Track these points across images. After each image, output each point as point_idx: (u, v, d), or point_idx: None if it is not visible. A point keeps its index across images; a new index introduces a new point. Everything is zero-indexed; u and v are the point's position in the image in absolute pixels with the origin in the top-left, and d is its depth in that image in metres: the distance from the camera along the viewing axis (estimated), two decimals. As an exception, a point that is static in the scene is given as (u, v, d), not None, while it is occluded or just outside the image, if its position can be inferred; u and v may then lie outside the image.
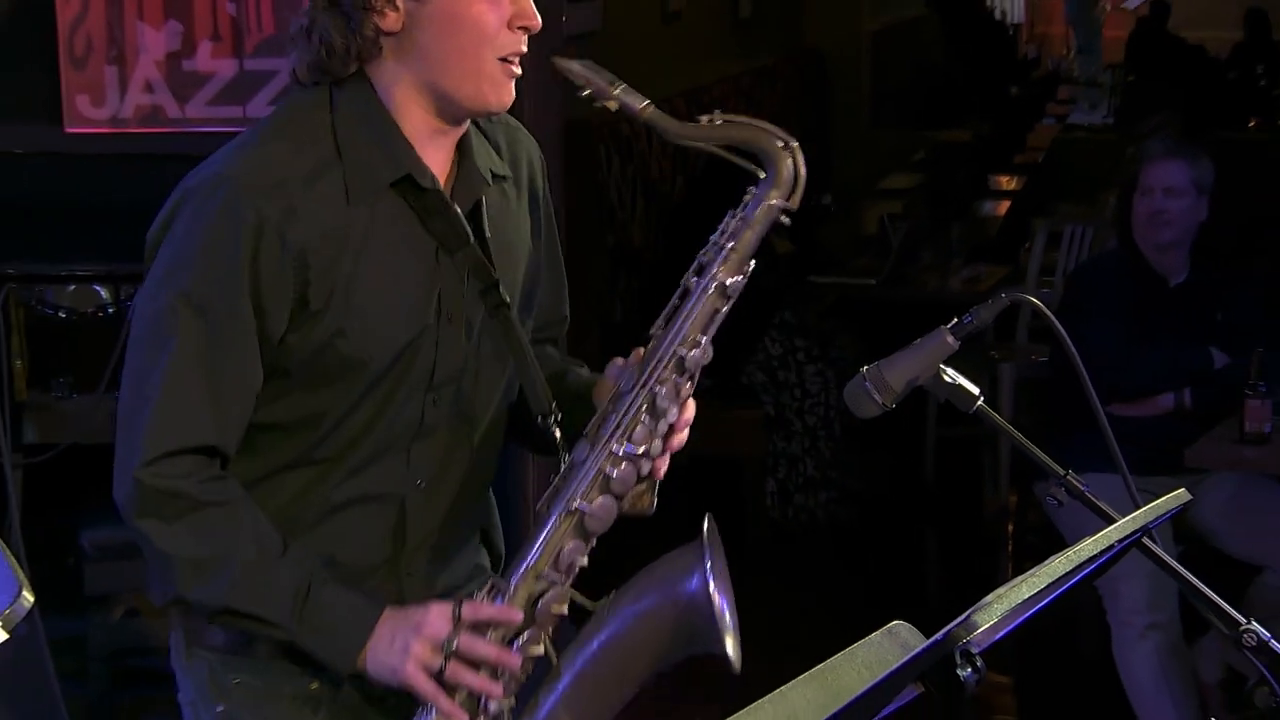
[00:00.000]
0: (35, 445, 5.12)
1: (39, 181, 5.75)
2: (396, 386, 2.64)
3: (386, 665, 2.55)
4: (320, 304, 2.55)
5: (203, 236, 2.53)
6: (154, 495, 2.51)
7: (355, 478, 2.66)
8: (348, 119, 2.60)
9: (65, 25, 5.93)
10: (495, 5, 2.56)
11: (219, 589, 2.53)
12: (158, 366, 2.53)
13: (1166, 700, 5.05)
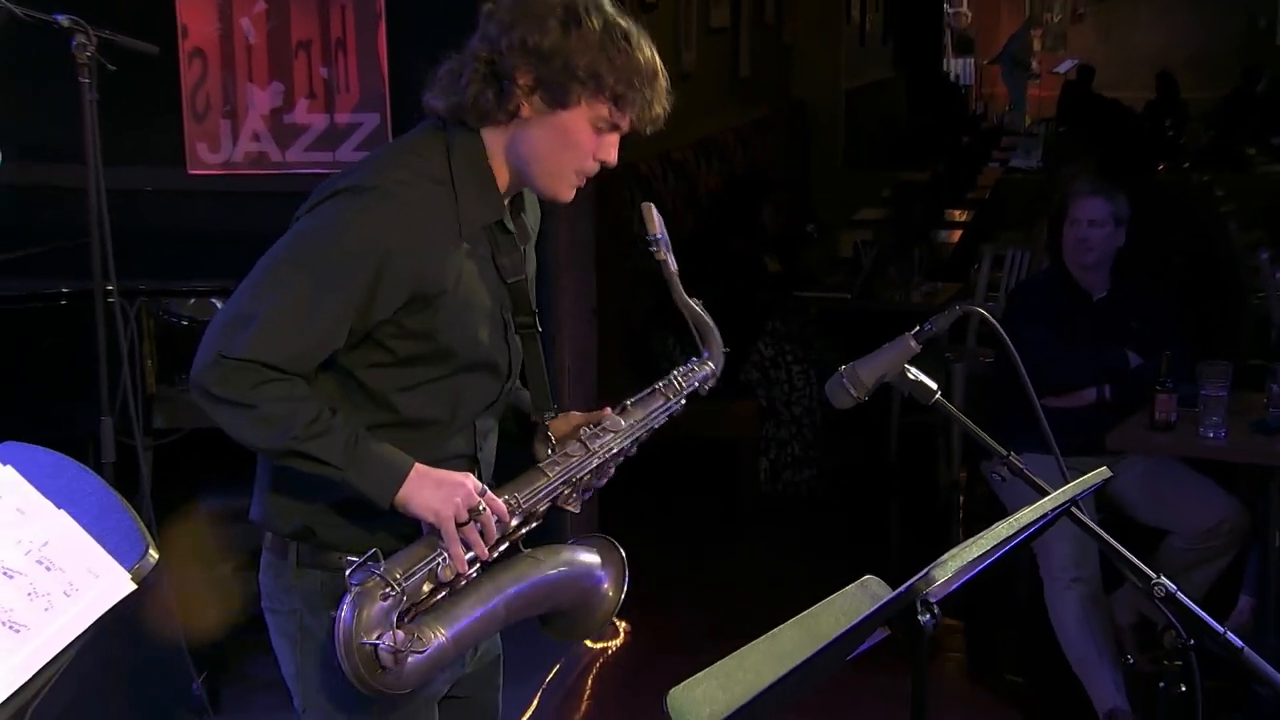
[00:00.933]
0: (162, 430, 5.12)
1: (166, 214, 5.77)
2: (481, 376, 2.78)
3: (428, 504, 2.63)
4: (423, 306, 2.66)
5: (343, 236, 2.63)
6: (231, 372, 2.58)
7: (450, 441, 2.80)
8: (462, 163, 2.71)
9: (188, 87, 5.96)
10: (594, 140, 2.70)
11: (285, 434, 2.59)
12: (270, 299, 2.62)
13: (1089, 641, 5.04)
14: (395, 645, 2.52)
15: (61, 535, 2.21)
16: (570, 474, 2.77)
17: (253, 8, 5.96)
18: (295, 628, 2.78)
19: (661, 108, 2.70)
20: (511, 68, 2.63)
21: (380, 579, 2.54)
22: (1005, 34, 21.64)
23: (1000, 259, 8.56)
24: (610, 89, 2.64)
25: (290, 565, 2.75)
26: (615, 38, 2.64)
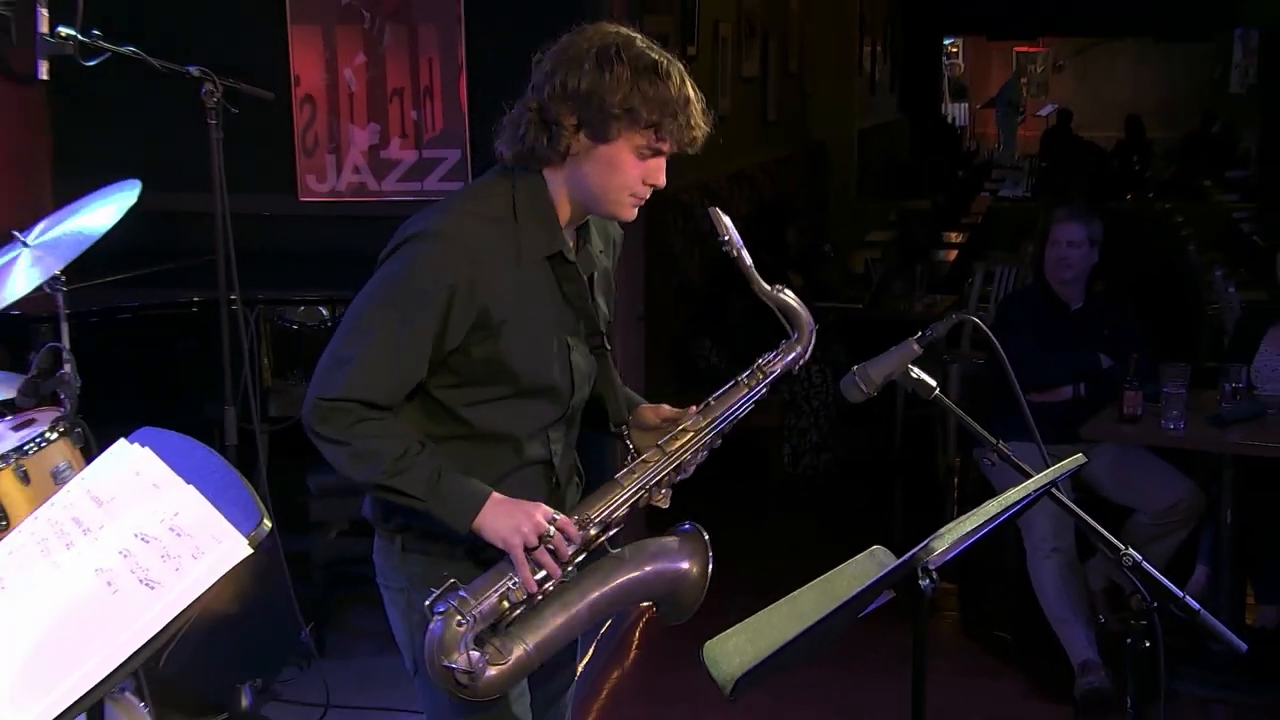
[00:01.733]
0: (276, 417, 5.13)
1: (280, 235, 5.78)
2: (549, 396, 2.75)
3: (498, 533, 2.61)
4: (490, 332, 2.63)
5: (418, 274, 2.61)
6: (330, 412, 2.59)
7: (525, 450, 2.76)
8: (524, 202, 2.68)
9: (300, 127, 5.99)
10: (640, 166, 2.65)
11: (376, 472, 2.59)
12: (361, 343, 2.61)
13: (1066, 603, 5.02)
14: (470, 668, 2.56)
15: (190, 507, 2.22)
16: (646, 482, 2.72)
17: (354, 60, 5.99)
18: (404, 602, 2.77)
19: (699, 130, 2.65)
20: (557, 112, 2.61)
21: (455, 609, 2.57)
22: (995, 83, 21.62)
23: (991, 274, 8.55)
24: (645, 119, 2.59)
25: (397, 551, 2.77)
26: (645, 72, 2.59)
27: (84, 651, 2.11)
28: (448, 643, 2.58)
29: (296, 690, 4.90)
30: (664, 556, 2.74)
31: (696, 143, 2.67)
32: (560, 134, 2.62)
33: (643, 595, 2.76)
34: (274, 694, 4.84)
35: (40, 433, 3.67)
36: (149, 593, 2.13)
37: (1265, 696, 4.92)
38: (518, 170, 2.69)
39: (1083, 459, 2.62)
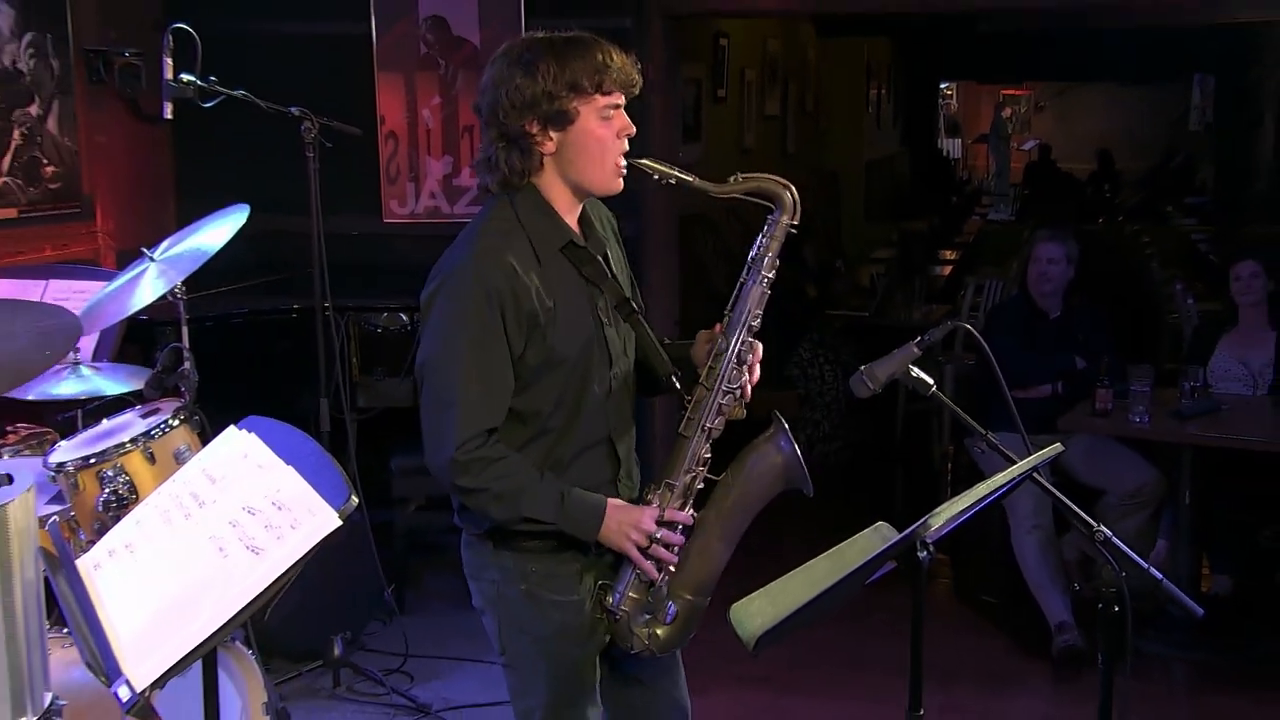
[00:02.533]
0: (363, 408, 5.16)
1: (367, 251, 5.81)
2: (591, 373, 2.64)
3: (615, 541, 2.60)
4: (539, 331, 2.55)
5: (470, 304, 2.51)
6: (465, 465, 2.50)
7: (582, 434, 2.67)
8: (527, 212, 2.59)
9: (384, 158, 6.02)
10: (608, 126, 2.56)
11: (515, 510, 2.55)
12: (453, 384, 2.52)
13: (1044, 572, 4.99)
14: (646, 646, 2.66)
15: (289, 484, 2.22)
16: (706, 417, 2.64)
17: (431, 101, 6.00)
18: (495, 594, 2.70)
19: (630, 69, 2.57)
20: (518, 127, 2.53)
21: (610, 607, 2.65)
22: (984, 121, 21.51)
23: (980, 287, 8.51)
24: (588, 84, 2.51)
25: (489, 549, 2.67)
26: (563, 52, 2.52)
27: (200, 606, 2.12)
28: (618, 631, 2.66)
29: (380, 641, 4.93)
30: (755, 460, 2.70)
31: (634, 80, 2.59)
32: (530, 142, 2.54)
33: (759, 498, 2.72)
34: (361, 644, 4.87)
35: (164, 420, 3.70)
36: (254, 557, 2.14)
37: (1219, 654, 4.89)
38: (511, 192, 2.59)
39: (1060, 448, 2.60)
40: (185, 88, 4.39)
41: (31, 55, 5.48)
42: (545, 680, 2.70)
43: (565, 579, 2.65)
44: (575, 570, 2.66)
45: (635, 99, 2.65)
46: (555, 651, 2.68)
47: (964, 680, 4.71)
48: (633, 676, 2.86)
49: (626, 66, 2.56)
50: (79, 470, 3.57)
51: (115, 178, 5.96)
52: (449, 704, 4.48)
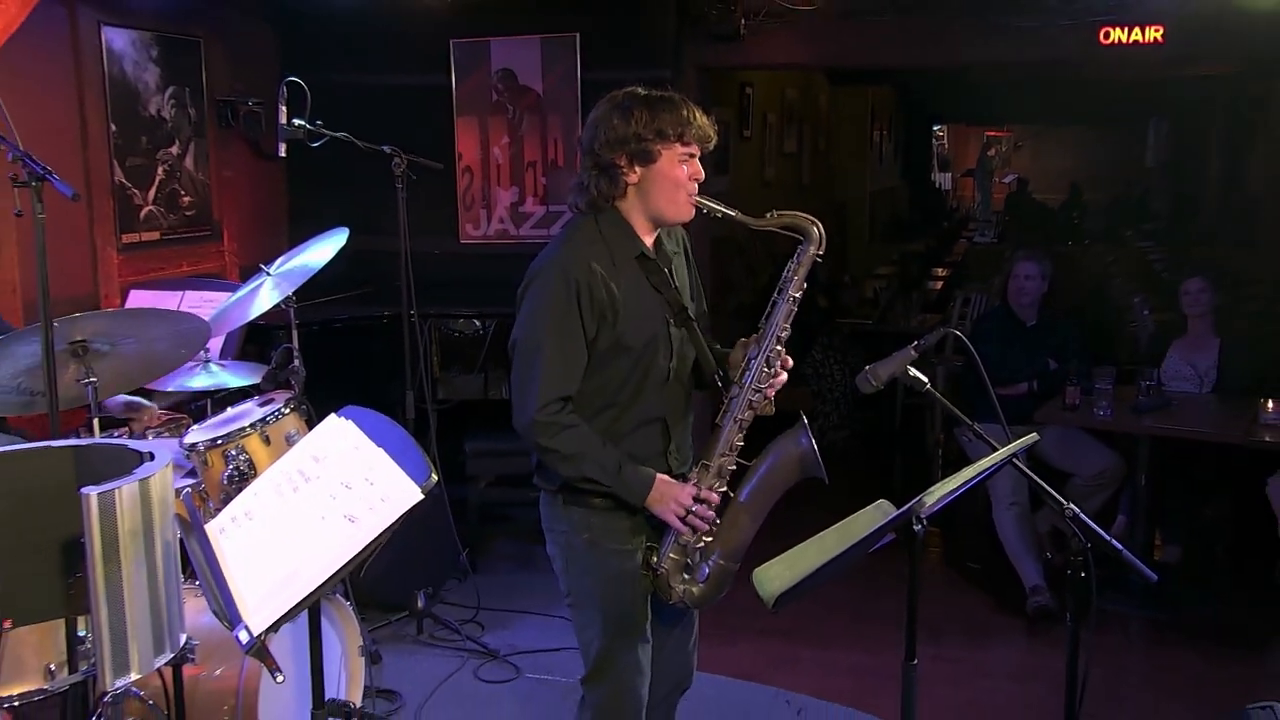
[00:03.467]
0: (442, 399, 5.18)
1: (446, 267, 5.82)
2: (652, 362, 2.70)
3: (659, 510, 2.67)
4: (610, 320, 2.62)
5: (554, 292, 2.59)
6: (544, 426, 2.59)
7: (641, 411, 2.72)
8: (608, 227, 2.67)
9: (461, 189, 6.05)
10: (683, 169, 2.64)
11: (578, 469, 2.62)
12: (538, 358, 2.60)
13: (1021, 542, 4.95)
14: (682, 599, 2.73)
15: (379, 463, 2.23)
16: (738, 412, 2.70)
17: (501, 141, 6.02)
18: (565, 543, 2.76)
19: (709, 128, 2.65)
20: (609, 159, 2.61)
21: (654, 565, 2.72)
22: (971, 158, 21.37)
23: (968, 299, 8.44)
24: (671, 134, 2.60)
25: (560, 504, 2.73)
26: (655, 105, 2.61)
27: (306, 565, 2.14)
28: (660, 585, 2.72)
29: (456, 595, 4.94)
30: (779, 450, 2.73)
31: (711, 136, 2.66)
32: (618, 174, 2.62)
33: (782, 480, 2.74)
34: (440, 598, 4.89)
35: (278, 408, 3.72)
36: (350, 525, 2.15)
37: (1169, 613, 4.85)
38: (596, 212, 2.67)
39: (1036, 437, 2.58)
40: (297, 130, 4.42)
41: (173, 105, 5.54)
42: (602, 616, 2.75)
43: (621, 532, 2.71)
44: (629, 526, 2.71)
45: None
46: (611, 592, 2.73)
47: (951, 634, 4.68)
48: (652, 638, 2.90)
49: (706, 126, 2.65)
50: (208, 450, 3.60)
51: (239, 206, 6.01)
52: (514, 649, 4.48)
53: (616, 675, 2.75)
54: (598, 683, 2.78)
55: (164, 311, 3.46)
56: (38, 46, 4.77)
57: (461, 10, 5.18)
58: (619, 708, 2.77)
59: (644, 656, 2.77)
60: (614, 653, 2.74)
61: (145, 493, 2.08)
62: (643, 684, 2.78)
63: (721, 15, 5.70)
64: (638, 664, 2.76)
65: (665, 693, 3.00)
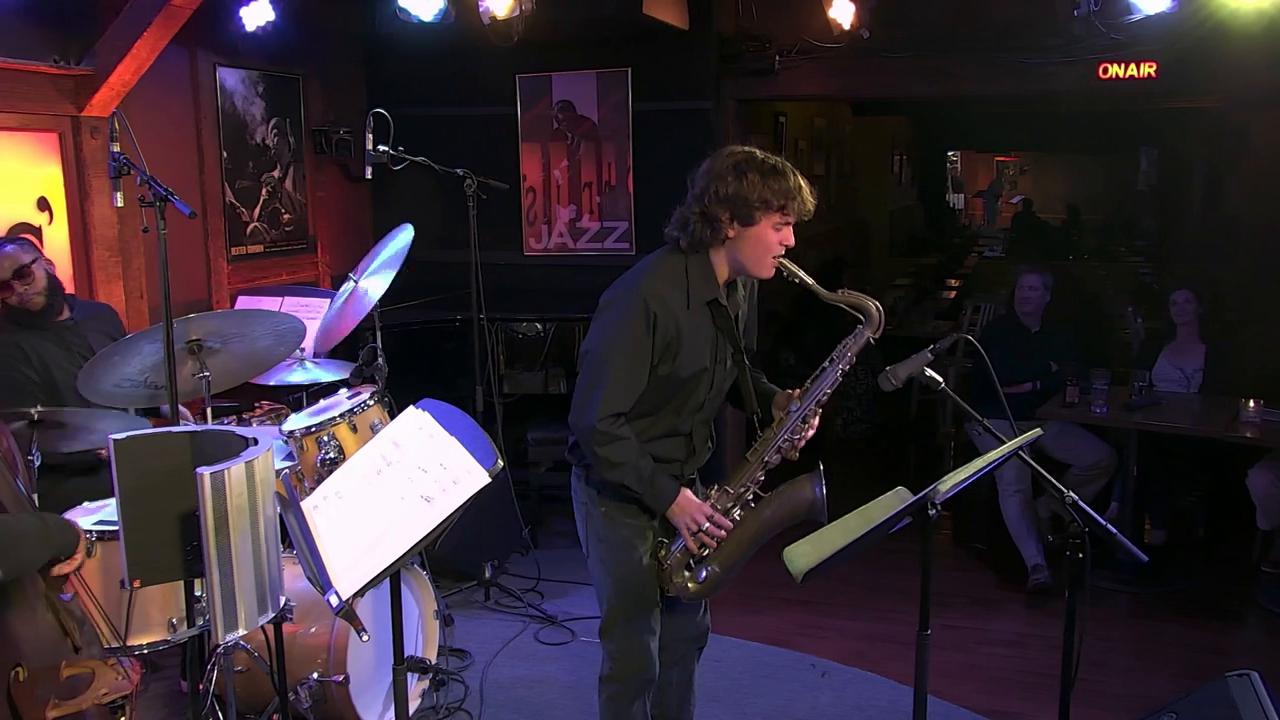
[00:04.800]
0: (507, 394, 5.19)
1: (511, 277, 5.85)
2: (694, 390, 2.71)
3: (677, 520, 2.69)
4: (672, 353, 2.63)
5: (630, 317, 2.59)
6: (601, 435, 2.59)
7: (672, 425, 2.73)
8: (694, 270, 2.64)
9: (525, 206, 6.05)
10: (776, 235, 2.60)
11: (618, 476, 2.63)
12: (605, 375, 2.60)
13: (1023, 525, 4.89)
14: (678, 592, 2.75)
15: (451, 450, 2.24)
16: (767, 454, 2.69)
17: (560, 164, 6.03)
18: (585, 513, 2.80)
19: (810, 202, 2.59)
20: (715, 212, 2.57)
21: (662, 558, 2.74)
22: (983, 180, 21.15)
23: (978, 308, 8.32)
24: (775, 204, 2.55)
25: (584, 480, 2.77)
26: (770, 173, 2.55)
27: (388, 539, 2.15)
28: (663, 577, 2.75)
29: (519, 567, 4.95)
30: (790, 496, 2.71)
31: (810, 210, 2.61)
32: (720, 226, 2.58)
33: (786, 519, 2.72)
34: (505, 570, 4.91)
35: (363, 400, 3.75)
36: (427, 505, 2.16)
37: (1156, 589, 4.78)
38: (689, 251, 2.64)
39: (1039, 431, 2.55)
40: (381, 155, 4.45)
41: (276, 134, 5.60)
42: (613, 579, 2.79)
43: (634, 508, 2.73)
44: (640, 504, 2.72)
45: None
46: (621, 558, 2.76)
47: (958, 606, 4.64)
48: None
49: (809, 201, 2.60)
50: (304, 436, 3.63)
51: (331, 222, 6.06)
52: (569, 615, 4.49)
53: (625, 630, 2.80)
54: (610, 637, 2.84)
55: (265, 312, 3.50)
56: (163, 85, 4.85)
57: (526, 49, 5.19)
58: (632, 659, 2.82)
59: (652, 619, 2.81)
60: (623, 611, 2.79)
61: (250, 473, 2.12)
62: (651, 639, 2.82)
63: (757, 52, 5.69)
64: (645, 623, 2.80)
65: (684, 652, 3.03)
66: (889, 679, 3.97)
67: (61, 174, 4.45)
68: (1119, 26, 5.00)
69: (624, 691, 2.85)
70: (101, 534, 2.74)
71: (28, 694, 1.98)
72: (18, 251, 3.67)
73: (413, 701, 3.60)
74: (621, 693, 2.85)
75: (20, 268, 3.65)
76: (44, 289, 3.70)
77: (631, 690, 2.85)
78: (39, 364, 3.70)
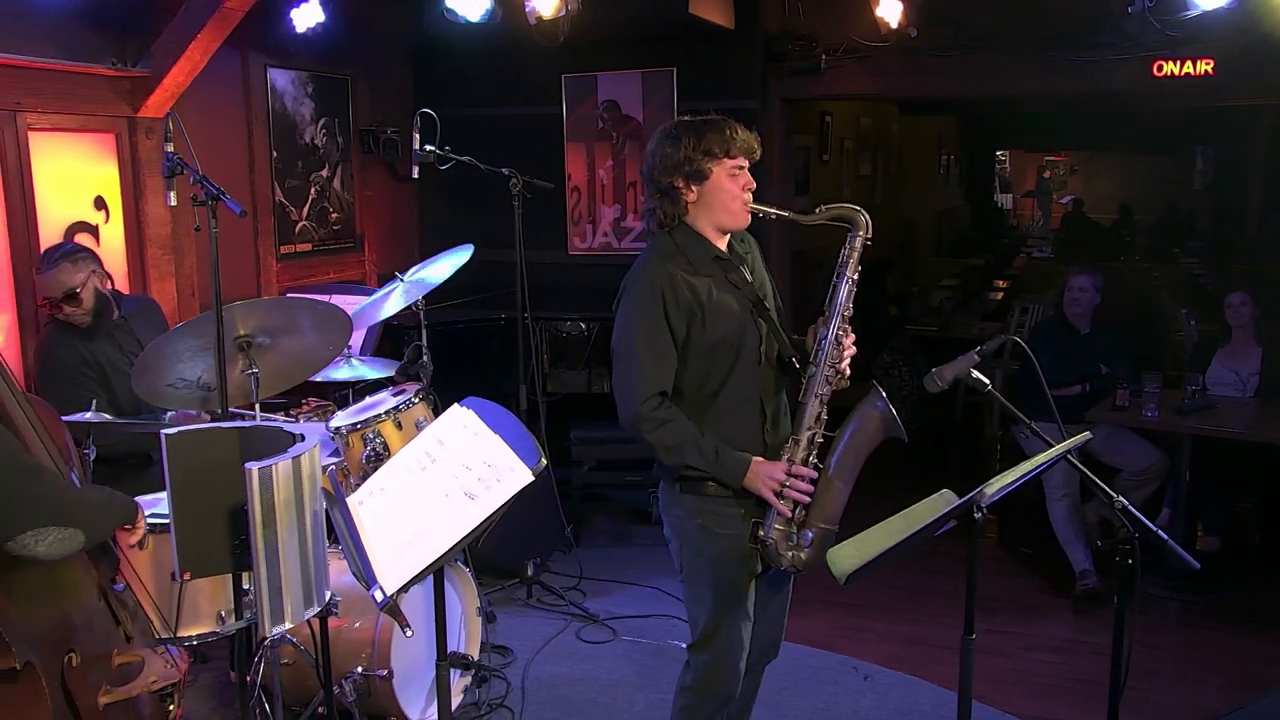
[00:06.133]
0: (551, 392, 5.21)
1: (555, 276, 5.87)
2: (744, 347, 2.66)
3: (755, 487, 2.62)
4: (699, 315, 2.60)
5: (643, 302, 2.59)
6: (645, 420, 2.57)
7: (738, 393, 2.67)
8: (682, 239, 2.66)
9: (570, 206, 6.08)
10: (734, 181, 2.63)
11: (680, 458, 2.59)
12: (633, 362, 2.59)
13: (1071, 530, 4.83)
14: (792, 564, 2.66)
15: (495, 448, 2.25)
16: (817, 386, 2.66)
17: (605, 163, 6.04)
18: (680, 526, 2.72)
19: (749, 139, 2.63)
20: (668, 183, 2.63)
21: (762, 538, 2.65)
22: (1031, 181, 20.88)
23: (1025, 309, 8.22)
24: (718, 151, 2.60)
25: (676, 492, 2.70)
26: (699, 128, 2.62)
27: (432, 535, 2.16)
28: (770, 555, 2.66)
29: (561, 566, 4.96)
30: (858, 417, 2.67)
31: (754, 148, 2.65)
32: (678, 194, 2.63)
33: (866, 442, 2.68)
34: (547, 568, 4.92)
35: (409, 398, 3.77)
36: (470, 501, 2.17)
37: (1207, 596, 4.69)
38: (668, 230, 2.67)
39: (1089, 435, 2.51)
40: (428, 155, 4.49)
41: (324, 134, 5.67)
42: (711, 593, 2.71)
43: (730, 518, 2.67)
44: (739, 513, 2.67)
45: (759, 161, 2.71)
46: (719, 571, 2.69)
47: (1004, 610, 4.58)
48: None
49: (749, 139, 2.64)
50: (349, 432, 3.66)
51: (378, 221, 6.12)
52: (611, 614, 4.50)
53: (718, 646, 2.73)
54: (702, 651, 2.76)
55: (310, 301, 3.50)
56: (216, 86, 4.92)
57: (572, 49, 5.21)
58: (718, 675, 2.75)
59: (745, 632, 2.74)
60: (719, 626, 2.72)
61: (297, 469, 2.14)
62: (741, 657, 2.75)
63: (803, 52, 5.66)
64: (739, 638, 2.73)
65: (754, 659, 2.96)
66: (932, 683, 3.93)
67: (117, 174, 4.53)
68: (1175, 23, 4.92)
69: (701, 705, 2.80)
70: (153, 527, 2.79)
71: (81, 679, 2.02)
72: (71, 274, 3.69)
73: (455, 697, 3.62)
74: (698, 706, 2.80)
75: (70, 292, 3.70)
76: (90, 309, 3.74)
77: (709, 705, 2.79)
78: (95, 367, 3.77)
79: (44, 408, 2.18)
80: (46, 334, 3.84)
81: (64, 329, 3.76)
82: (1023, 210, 20.87)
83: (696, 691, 2.79)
